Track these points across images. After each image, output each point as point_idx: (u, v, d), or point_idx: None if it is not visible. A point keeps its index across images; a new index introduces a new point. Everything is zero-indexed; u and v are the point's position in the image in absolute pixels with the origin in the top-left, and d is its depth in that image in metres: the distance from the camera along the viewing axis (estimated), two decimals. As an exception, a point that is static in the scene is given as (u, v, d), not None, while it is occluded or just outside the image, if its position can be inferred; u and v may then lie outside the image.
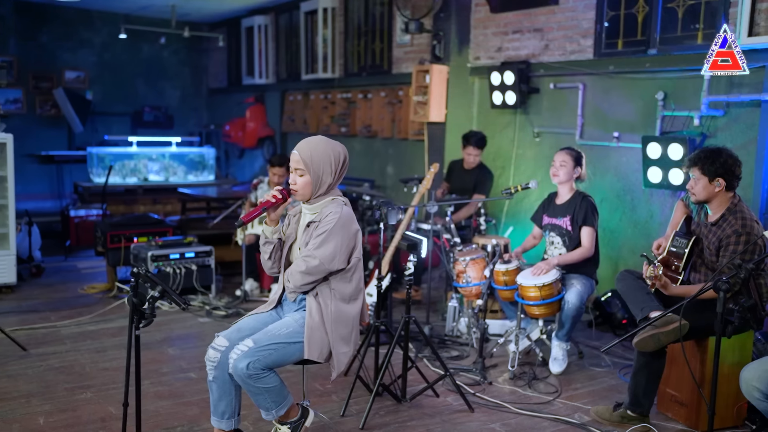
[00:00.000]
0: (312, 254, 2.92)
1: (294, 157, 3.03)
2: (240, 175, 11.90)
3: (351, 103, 8.98)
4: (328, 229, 2.92)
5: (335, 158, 3.02)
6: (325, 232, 2.92)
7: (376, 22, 8.49)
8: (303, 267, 2.92)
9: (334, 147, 3.05)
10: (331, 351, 2.99)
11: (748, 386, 3.03)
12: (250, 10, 10.97)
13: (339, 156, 3.04)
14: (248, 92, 11.44)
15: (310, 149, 3.01)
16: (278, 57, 10.66)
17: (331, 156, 3.01)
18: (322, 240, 2.92)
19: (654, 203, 5.50)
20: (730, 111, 4.94)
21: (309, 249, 2.94)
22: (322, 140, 3.06)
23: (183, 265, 5.88)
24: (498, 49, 6.79)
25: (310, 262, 2.92)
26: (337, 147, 3.06)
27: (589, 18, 5.88)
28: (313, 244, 2.93)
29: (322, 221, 2.96)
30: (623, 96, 5.68)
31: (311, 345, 2.93)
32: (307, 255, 2.93)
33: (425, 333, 4.09)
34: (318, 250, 2.91)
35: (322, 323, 2.97)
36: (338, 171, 3.03)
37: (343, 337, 3.01)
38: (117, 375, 4.36)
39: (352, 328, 3.05)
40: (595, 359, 4.88)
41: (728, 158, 3.66)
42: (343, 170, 3.07)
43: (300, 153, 3.01)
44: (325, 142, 3.06)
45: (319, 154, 3.00)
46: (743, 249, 3.54)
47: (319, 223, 2.97)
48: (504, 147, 6.83)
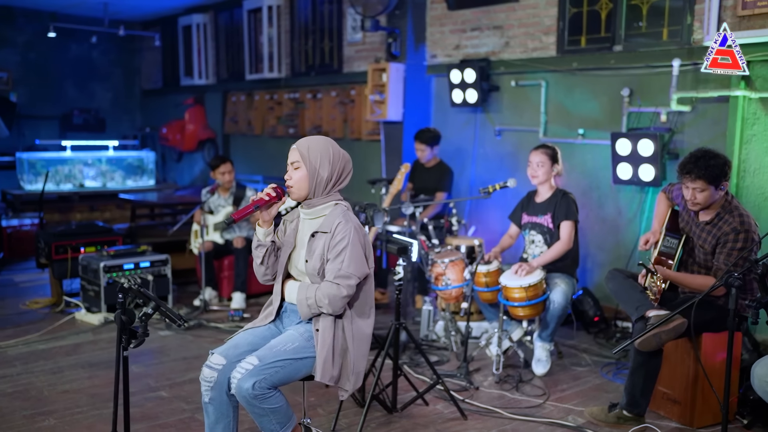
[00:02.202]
0: (346, 273, 2.73)
1: (291, 152, 2.85)
2: (180, 180, 11.45)
3: (299, 104, 8.74)
4: (348, 242, 2.74)
5: (334, 154, 2.84)
6: (347, 245, 2.74)
7: (325, 20, 8.28)
8: (344, 291, 2.72)
9: (333, 145, 2.89)
10: (340, 373, 2.79)
11: (761, 382, 3.01)
12: (186, 8, 10.56)
13: (338, 154, 2.86)
14: (187, 93, 11.02)
15: (308, 143, 2.85)
16: (218, 57, 10.30)
17: (330, 151, 2.84)
18: (349, 255, 2.74)
19: (621, 199, 5.52)
20: (697, 107, 4.99)
21: (338, 269, 2.73)
22: (322, 137, 2.90)
23: (138, 276, 5.53)
24: (456, 47, 6.70)
25: (349, 282, 2.73)
26: (338, 147, 2.90)
27: (551, 15, 5.86)
28: (339, 262, 2.74)
29: (335, 233, 2.76)
30: (588, 93, 5.68)
31: (325, 368, 2.73)
32: (341, 276, 2.73)
33: (416, 340, 3.93)
34: (351, 267, 2.74)
35: (340, 345, 2.79)
36: (337, 169, 2.84)
37: (363, 355, 2.84)
38: (79, 398, 4.03)
39: (369, 344, 2.88)
40: (574, 358, 4.84)
41: (723, 160, 3.62)
42: (344, 173, 2.88)
43: (298, 146, 2.85)
44: (325, 139, 2.89)
45: (317, 147, 2.83)
46: (742, 246, 3.53)
47: (331, 236, 2.77)
48: (464, 145, 6.75)
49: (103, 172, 9.41)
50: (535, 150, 4.65)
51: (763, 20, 4.51)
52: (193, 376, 4.36)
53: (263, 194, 2.87)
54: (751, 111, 4.71)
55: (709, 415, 3.81)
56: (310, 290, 2.76)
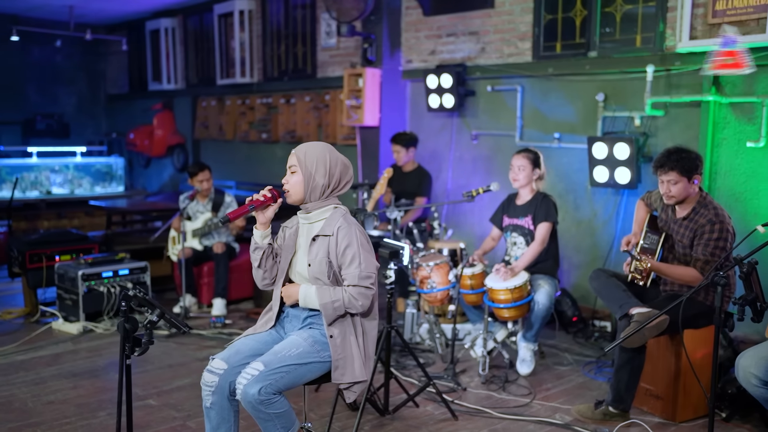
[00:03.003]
0: (367, 274, 2.81)
1: (290, 157, 2.89)
2: (148, 186, 11.32)
3: (272, 108, 8.73)
4: (358, 244, 2.81)
5: (332, 161, 2.87)
6: (357, 248, 2.81)
7: (298, 25, 8.29)
8: (372, 290, 2.83)
9: (332, 152, 2.91)
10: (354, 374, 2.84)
11: (745, 373, 3.12)
12: (154, 13, 10.46)
13: (337, 161, 2.89)
14: (155, 98, 10.90)
15: (306, 148, 2.88)
16: (188, 61, 10.22)
17: (327, 158, 2.86)
18: (363, 257, 2.82)
19: (597, 202, 5.65)
20: (670, 111, 5.14)
21: (358, 272, 2.80)
22: (321, 144, 2.93)
23: (117, 284, 5.47)
24: (431, 52, 6.78)
25: (372, 280, 2.82)
26: (337, 154, 2.92)
27: (527, 21, 5.97)
28: (356, 266, 2.81)
29: (339, 237, 2.81)
30: (563, 98, 5.80)
31: (346, 371, 2.80)
32: (364, 277, 2.81)
33: (407, 343, 3.97)
34: (369, 267, 2.82)
35: (354, 347, 2.85)
36: (335, 176, 2.87)
37: (370, 356, 2.88)
38: (66, 408, 3.97)
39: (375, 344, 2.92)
40: (556, 358, 4.94)
41: (695, 155, 3.80)
42: (342, 180, 2.91)
43: (296, 151, 2.89)
44: (324, 145, 2.91)
45: (314, 153, 2.86)
46: (718, 236, 3.68)
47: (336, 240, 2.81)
48: (440, 150, 6.83)
49: (71, 178, 9.25)
50: (517, 154, 4.74)
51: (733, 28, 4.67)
52: (180, 384, 4.34)
53: (259, 195, 2.89)
54: (722, 115, 4.88)
55: (690, 410, 3.93)
56: (335, 293, 2.79)
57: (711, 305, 3.82)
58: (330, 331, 2.82)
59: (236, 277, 6.08)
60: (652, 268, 3.72)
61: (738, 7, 4.65)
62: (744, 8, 4.62)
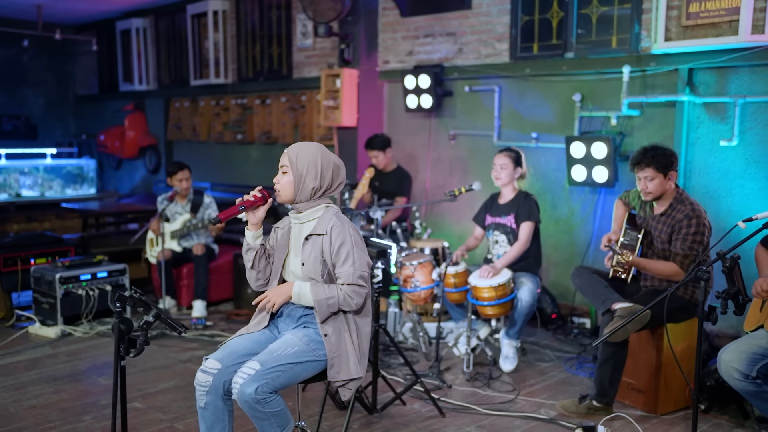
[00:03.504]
0: (361, 273, 2.83)
1: (282, 157, 2.90)
2: (120, 188, 11.17)
3: (247, 109, 8.68)
4: (352, 243, 2.83)
5: (323, 163, 2.88)
6: (351, 247, 2.82)
7: (273, 25, 8.27)
8: (366, 289, 2.84)
9: (324, 153, 2.91)
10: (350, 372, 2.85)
11: (727, 368, 3.20)
12: (124, 13, 10.33)
13: (328, 163, 2.90)
14: (126, 99, 10.76)
15: (298, 149, 2.89)
16: (159, 62, 10.11)
17: (318, 160, 2.87)
18: (357, 255, 2.83)
19: (574, 201, 5.73)
20: (645, 111, 5.25)
21: (352, 270, 2.81)
22: (314, 144, 2.93)
23: (96, 287, 5.41)
24: (409, 53, 6.82)
25: (365, 279, 2.83)
26: (330, 155, 2.93)
27: (504, 22, 6.04)
28: (350, 264, 2.82)
29: (333, 236, 2.82)
30: (540, 98, 5.88)
31: (342, 369, 2.81)
32: (359, 275, 2.82)
33: (395, 342, 4.00)
34: (363, 266, 2.83)
35: (350, 344, 2.86)
36: (327, 178, 2.88)
37: (364, 354, 2.90)
38: (49, 413, 3.92)
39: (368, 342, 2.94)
40: (537, 354, 5.01)
41: (670, 152, 3.91)
42: (334, 182, 2.92)
43: (288, 151, 2.90)
44: (316, 146, 2.92)
45: (306, 154, 2.87)
46: (695, 231, 3.79)
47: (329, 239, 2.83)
48: (417, 150, 6.87)
49: (41, 181, 9.10)
50: (499, 153, 4.80)
51: (706, 30, 4.79)
52: (165, 386, 4.30)
53: (249, 196, 2.90)
54: (696, 115, 5.00)
55: (671, 402, 4.03)
56: (330, 290, 2.80)
57: (690, 299, 3.92)
58: (324, 330, 2.83)
59: (216, 279, 6.05)
60: (633, 262, 3.81)
61: (711, 10, 4.76)
62: (716, 11, 4.74)
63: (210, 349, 5.02)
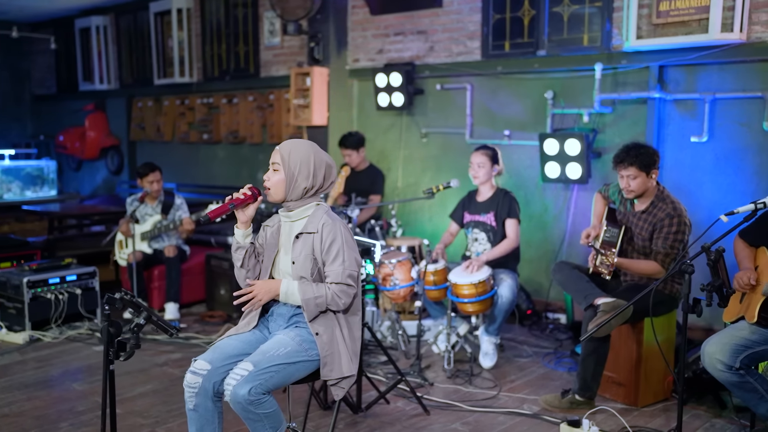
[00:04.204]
0: (350, 273, 2.80)
1: (273, 154, 2.85)
2: (81, 189, 10.90)
3: (213, 109, 8.56)
4: (342, 241, 2.80)
5: (316, 163, 2.85)
6: (341, 245, 2.80)
7: (239, 24, 8.16)
8: (354, 289, 2.82)
9: (317, 152, 2.89)
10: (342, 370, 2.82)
11: (711, 359, 3.26)
12: (83, 10, 10.09)
13: (321, 163, 2.87)
14: (86, 99, 10.52)
15: (291, 147, 2.85)
16: (121, 60, 9.90)
17: (311, 159, 2.84)
18: (347, 254, 2.81)
19: (547, 197, 5.79)
20: (617, 108, 5.32)
21: (342, 269, 2.79)
22: (307, 142, 2.90)
23: (65, 290, 5.26)
24: (379, 51, 6.80)
25: (354, 278, 2.81)
26: (322, 155, 2.90)
27: (475, 21, 6.06)
28: (339, 263, 2.80)
29: (324, 234, 2.80)
30: (513, 95, 5.92)
31: (334, 367, 2.79)
32: (348, 275, 2.79)
33: (379, 340, 3.98)
34: (352, 265, 2.81)
35: (341, 343, 2.84)
36: (319, 177, 2.86)
37: (356, 353, 2.87)
38: (23, 421, 3.80)
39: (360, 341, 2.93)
40: (515, 350, 5.03)
41: (652, 150, 3.95)
42: (326, 181, 2.90)
43: (280, 149, 2.86)
44: (309, 144, 2.89)
45: (298, 153, 2.83)
46: (676, 230, 3.85)
47: (320, 237, 2.80)
48: (389, 148, 6.86)
49: (-1, 183, 8.84)
50: (476, 151, 4.81)
51: (676, 28, 4.88)
52: (142, 390, 4.21)
53: (239, 194, 2.86)
54: (667, 112, 5.09)
55: (650, 395, 4.09)
56: (318, 289, 2.77)
57: (669, 294, 3.98)
58: (315, 328, 2.80)
59: (187, 281, 5.94)
60: (617, 264, 3.84)
61: (681, 8, 4.85)
62: (686, 9, 4.83)
63: (185, 352, 4.95)
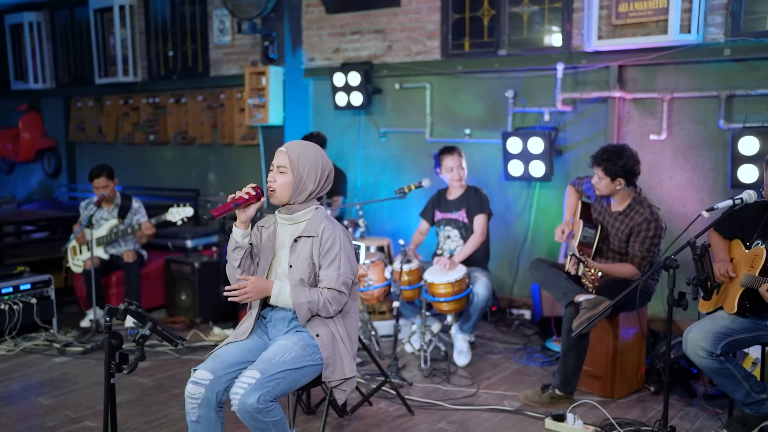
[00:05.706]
0: (345, 280, 2.78)
1: (279, 155, 2.79)
2: (16, 193, 10.41)
3: (159, 109, 8.32)
4: (341, 247, 2.78)
5: (323, 167, 2.84)
6: (339, 250, 2.78)
7: (186, 22, 7.95)
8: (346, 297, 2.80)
9: (323, 156, 2.88)
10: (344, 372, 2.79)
11: (694, 346, 3.36)
12: (13, 6, 9.64)
13: (327, 166, 2.87)
14: (19, 99, 10.04)
15: (300, 149, 2.80)
16: (57, 59, 9.50)
17: (319, 162, 2.82)
18: (344, 260, 2.79)
19: (509, 195, 5.87)
20: (578, 107, 5.44)
21: (337, 275, 2.76)
22: (312, 145, 2.88)
23: (20, 300, 5.02)
24: (336, 50, 6.75)
25: (348, 286, 2.79)
26: (326, 158, 2.90)
27: (434, 20, 6.09)
28: (335, 268, 2.77)
29: (323, 238, 2.77)
30: (473, 95, 5.97)
31: (336, 369, 2.74)
32: (343, 282, 2.77)
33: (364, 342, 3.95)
34: (348, 272, 2.79)
35: (338, 343, 2.79)
36: (323, 181, 2.84)
37: (354, 355, 2.84)
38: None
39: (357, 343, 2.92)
40: (485, 347, 5.09)
41: (629, 159, 4.03)
42: (326, 184, 2.88)
43: (288, 150, 2.79)
44: (315, 148, 2.87)
45: (307, 156, 2.79)
46: (653, 234, 3.96)
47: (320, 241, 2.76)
48: (346, 148, 6.82)
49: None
50: (449, 155, 4.83)
51: (635, 29, 5.03)
52: (115, 402, 4.04)
53: (242, 193, 2.80)
54: (626, 110, 5.23)
55: (625, 387, 4.20)
56: (312, 294, 2.74)
57: (643, 289, 4.08)
58: (315, 330, 2.76)
59: (146, 286, 5.76)
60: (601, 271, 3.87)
61: (639, 10, 5.00)
62: (645, 11, 4.98)
63: (151, 360, 4.80)
